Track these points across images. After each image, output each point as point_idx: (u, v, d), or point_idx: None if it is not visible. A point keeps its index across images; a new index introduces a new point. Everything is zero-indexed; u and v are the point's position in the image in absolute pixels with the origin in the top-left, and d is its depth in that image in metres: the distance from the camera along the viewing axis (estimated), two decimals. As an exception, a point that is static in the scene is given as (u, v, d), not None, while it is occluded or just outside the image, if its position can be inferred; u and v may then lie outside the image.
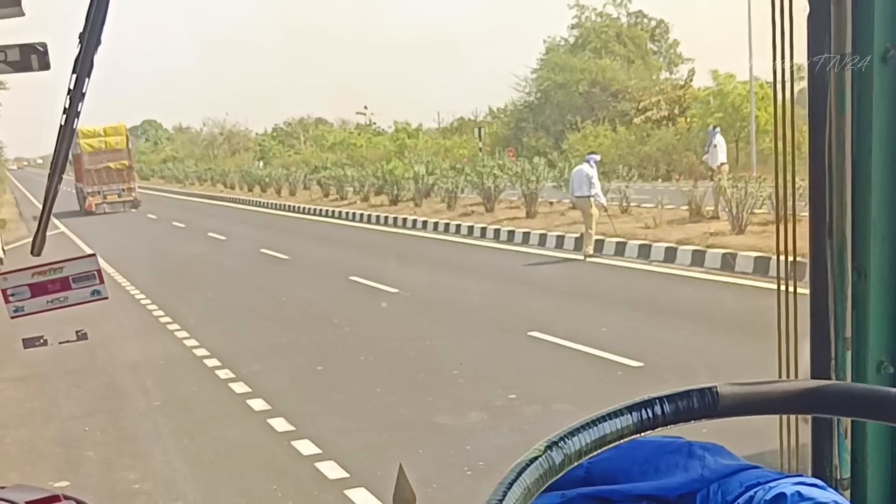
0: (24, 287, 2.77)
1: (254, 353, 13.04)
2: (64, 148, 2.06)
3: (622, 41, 55.68)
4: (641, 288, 16.31)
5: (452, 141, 56.78)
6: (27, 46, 2.24)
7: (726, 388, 1.24)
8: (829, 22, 1.63)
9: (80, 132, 41.34)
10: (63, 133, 2.03)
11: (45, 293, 2.78)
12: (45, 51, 2.25)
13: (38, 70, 2.27)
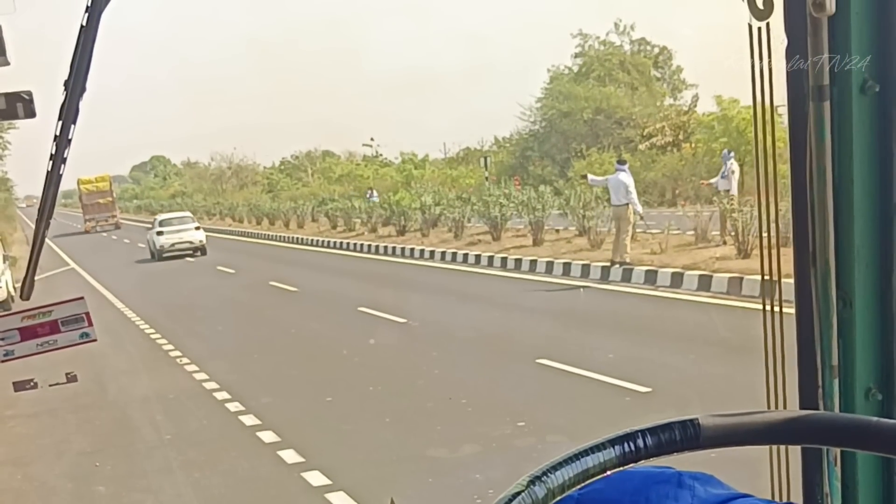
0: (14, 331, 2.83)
1: (263, 385, 13.09)
2: (51, 194, 2.07)
3: (626, 69, 55.81)
4: (648, 313, 16.32)
5: (458, 171, 56.89)
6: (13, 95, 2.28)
7: (708, 419, 1.24)
8: (806, 54, 1.63)
9: (78, 181, 59.09)
10: (50, 179, 2.03)
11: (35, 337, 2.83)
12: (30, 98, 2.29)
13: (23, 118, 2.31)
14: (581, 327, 15.50)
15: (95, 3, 1.84)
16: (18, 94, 2.30)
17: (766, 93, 1.76)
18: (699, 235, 21.14)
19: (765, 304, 1.88)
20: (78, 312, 2.95)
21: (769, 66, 1.74)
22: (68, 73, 1.91)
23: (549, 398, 11.00)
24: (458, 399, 11.15)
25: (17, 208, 64.51)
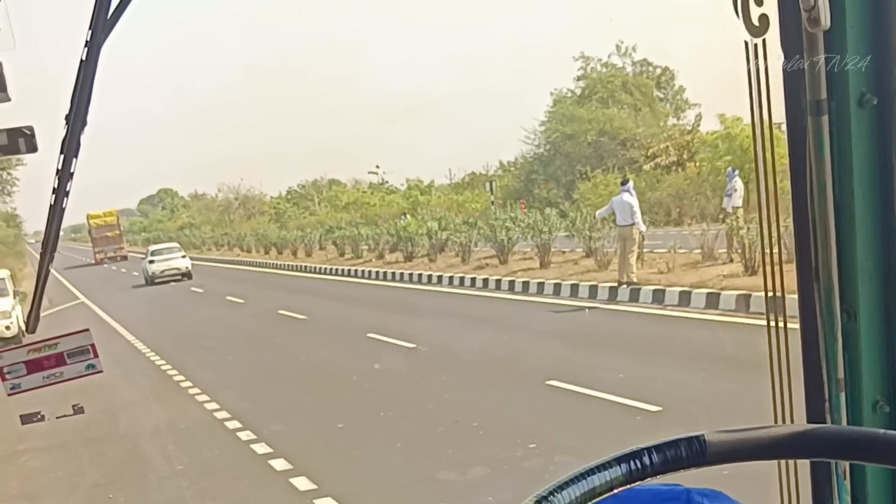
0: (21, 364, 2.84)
1: (274, 413, 13.10)
2: (54, 227, 2.09)
3: (628, 90, 55.93)
4: (657, 332, 16.31)
5: (464, 196, 56.95)
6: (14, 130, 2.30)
7: (714, 435, 1.25)
8: (803, 68, 1.63)
9: (88, 215, 62.31)
10: (53, 212, 2.05)
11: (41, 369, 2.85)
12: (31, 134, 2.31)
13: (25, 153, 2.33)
14: (590, 348, 15.50)
15: (95, 37, 1.87)
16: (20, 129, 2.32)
17: (764, 109, 1.76)
18: (706, 253, 21.14)
19: (769, 320, 1.88)
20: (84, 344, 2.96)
21: (766, 82, 1.74)
22: (69, 107, 1.93)
23: (560, 419, 11.00)
24: (469, 422, 11.15)
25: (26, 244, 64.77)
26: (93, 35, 1.87)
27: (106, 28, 1.88)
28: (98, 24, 1.86)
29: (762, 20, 1.70)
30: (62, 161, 1.98)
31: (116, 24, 1.89)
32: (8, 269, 31.81)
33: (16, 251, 55.69)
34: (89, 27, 1.87)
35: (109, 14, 1.86)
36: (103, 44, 1.89)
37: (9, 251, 52.74)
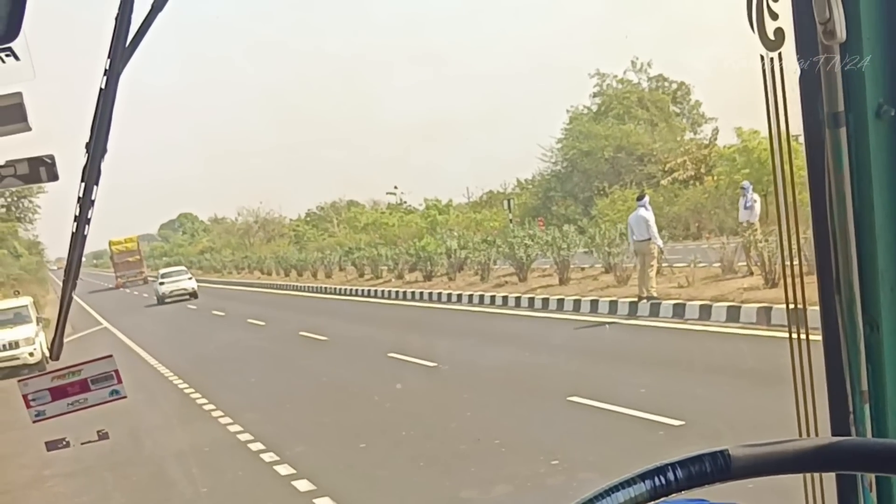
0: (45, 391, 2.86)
1: (297, 434, 13.13)
2: (76, 255, 2.10)
3: (644, 105, 55.90)
4: (678, 347, 16.27)
5: (482, 214, 56.94)
6: (35, 159, 2.33)
7: (738, 449, 1.25)
8: (819, 81, 1.63)
9: (109, 242, 64.93)
10: (75, 240, 2.06)
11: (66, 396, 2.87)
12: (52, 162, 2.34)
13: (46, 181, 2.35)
14: (611, 363, 15.47)
15: (113, 65, 1.89)
16: (41, 158, 2.32)
17: (781, 122, 1.76)
18: (725, 267, 21.08)
19: (791, 333, 1.88)
20: (107, 370, 2.98)
21: (783, 95, 1.74)
22: (89, 135, 1.94)
23: (582, 436, 10.98)
24: (491, 440, 11.14)
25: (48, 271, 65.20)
26: (111, 63, 1.89)
27: (125, 56, 1.91)
28: (117, 53, 1.88)
29: (777, 34, 1.72)
30: (83, 189, 2.00)
31: (135, 52, 1.92)
32: (31, 296, 32.02)
33: (38, 278, 56.00)
34: (108, 56, 1.89)
35: (128, 42, 1.89)
36: (122, 72, 1.92)
37: (31, 278, 53.04)
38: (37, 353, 24.75)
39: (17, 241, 52.86)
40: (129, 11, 1.86)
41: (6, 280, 47.30)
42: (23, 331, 26.02)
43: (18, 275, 51.03)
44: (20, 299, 30.03)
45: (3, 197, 48.69)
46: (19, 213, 50.21)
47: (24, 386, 2.89)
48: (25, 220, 50.88)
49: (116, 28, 1.87)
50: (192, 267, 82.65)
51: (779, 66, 1.74)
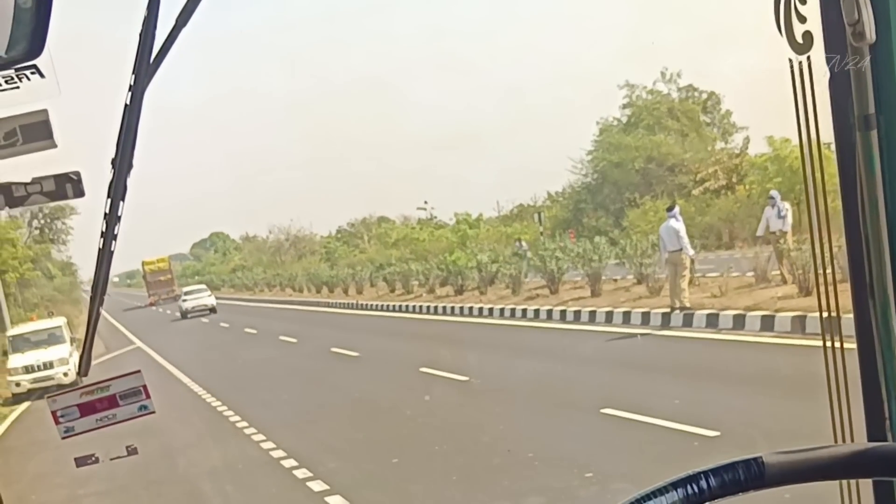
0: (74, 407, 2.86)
1: (330, 450, 13.14)
2: (103, 271, 2.10)
3: (674, 116, 55.66)
4: (712, 357, 16.17)
5: (513, 228, 56.84)
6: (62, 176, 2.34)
7: (772, 457, 1.24)
8: (850, 83, 1.60)
9: (142, 262, 68.73)
10: (101, 256, 2.06)
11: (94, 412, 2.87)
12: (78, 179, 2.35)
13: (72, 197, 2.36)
14: (644, 375, 15.38)
15: (138, 81, 1.90)
16: (67, 174, 2.34)
17: (812, 127, 1.74)
18: (759, 276, 20.95)
19: (825, 341, 1.87)
20: (135, 385, 2.97)
21: (813, 99, 1.72)
22: (115, 151, 1.96)
23: (616, 447, 10.92)
24: (524, 453, 11.10)
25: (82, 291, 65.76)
26: (136, 79, 1.90)
27: (149, 72, 1.91)
28: (141, 69, 1.89)
29: (806, 37, 1.70)
30: (109, 205, 2.01)
31: (159, 67, 1.93)
32: (64, 316, 32.32)
33: (72, 299, 56.44)
34: (132, 72, 1.90)
35: (152, 58, 1.90)
36: (147, 88, 1.92)
37: (65, 299, 53.50)
38: (71, 374, 24.96)
39: (51, 263, 53.36)
40: (153, 27, 1.87)
41: (40, 301, 47.76)
42: (57, 351, 26.28)
43: (52, 296, 51.54)
44: (54, 320, 30.35)
45: (37, 219, 49.28)
46: (52, 234, 50.72)
47: (53, 402, 2.89)
48: (58, 242, 51.41)
49: (141, 44, 1.88)
50: (224, 285, 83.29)
51: (808, 69, 1.71)
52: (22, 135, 2.29)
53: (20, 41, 1.86)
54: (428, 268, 41.81)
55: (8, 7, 1.84)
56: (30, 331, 28.74)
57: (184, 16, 1.89)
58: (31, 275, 44.16)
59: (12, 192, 2.37)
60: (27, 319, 35.51)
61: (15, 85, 2.05)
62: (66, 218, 49.31)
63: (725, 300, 19.68)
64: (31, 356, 26.08)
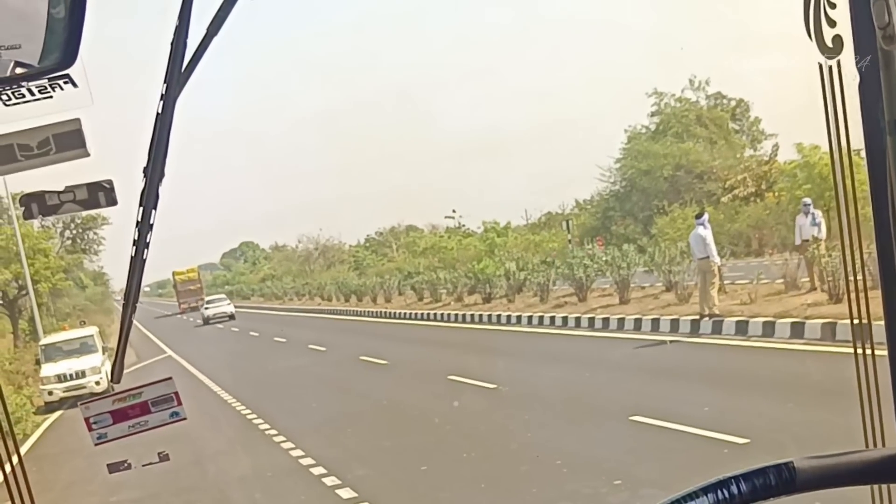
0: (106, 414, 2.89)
1: (358, 458, 13.17)
2: (136, 279, 2.10)
3: (703, 123, 55.41)
4: (741, 364, 16.09)
5: (541, 236, 56.77)
6: (94, 184, 2.35)
7: (804, 462, 1.24)
8: (880, 88, 1.55)
9: (173, 272, 72.23)
10: (134, 264, 2.06)
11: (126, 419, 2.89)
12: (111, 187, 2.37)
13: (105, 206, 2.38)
14: (673, 382, 15.32)
15: (170, 90, 1.93)
16: (99, 183, 2.36)
17: (842, 132, 1.74)
18: (788, 283, 20.83)
19: (856, 347, 1.89)
20: (167, 392, 3.00)
21: (843, 104, 1.72)
22: (147, 159, 1.97)
23: (645, 455, 10.89)
24: (552, 460, 11.08)
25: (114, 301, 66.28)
26: (168, 88, 1.93)
27: (181, 81, 1.94)
28: (173, 77, 1.92)
29: (835, 41, 1.69)
30: (141, 213, 2.02)
31: (191, 76, 1.96)
32: (96, 325, 32.53)
33: (103, 308, 56.89)
34: (164, 80, 1.93)
35: (183, 67, 1.93)
36: (178, 96, 1.95)
37: (97, 308, 53.92)
38: (103, 382, 25.16)
39: (83, 273, 53.76)
40: (184, 37, 1.89)
41: (72, 310, 48.14)
42: (89, 360, 26.48)
43: (84, 305, 51.95)
44: (86, 329, 30.56)
45: (69, 230, 49.66)
46: (84, 244, 51.09)
47: (86, 409, 2.91)
48: (90, 252, 51.78)
49: (172, 53, 1.90)
50: (254, 294, 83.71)
51: (838, 73, 1.72)
52: (55, 144, 2.31)
53: (53, 51, 1.89)
54: (456, 276, 41.81)
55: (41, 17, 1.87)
56: (62, 340, 28.98)
57: (215, 25, 1.91)
58: (64, 285, 44.49)
59: (46, 200, 2.39)
60: (59, 329, 35.83)
61: (48, 94, 2.08)
62: (98, 228, 49.72)
63: (755, 307, 19.59)
64: (63, 365, 26.28)
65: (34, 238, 41.10)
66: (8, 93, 2.05)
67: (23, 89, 2.05)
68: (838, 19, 1.70)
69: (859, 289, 1.88)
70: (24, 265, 36.98)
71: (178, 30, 1.88)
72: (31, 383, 28.61)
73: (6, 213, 41.80)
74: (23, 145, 2.30)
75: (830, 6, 1.71)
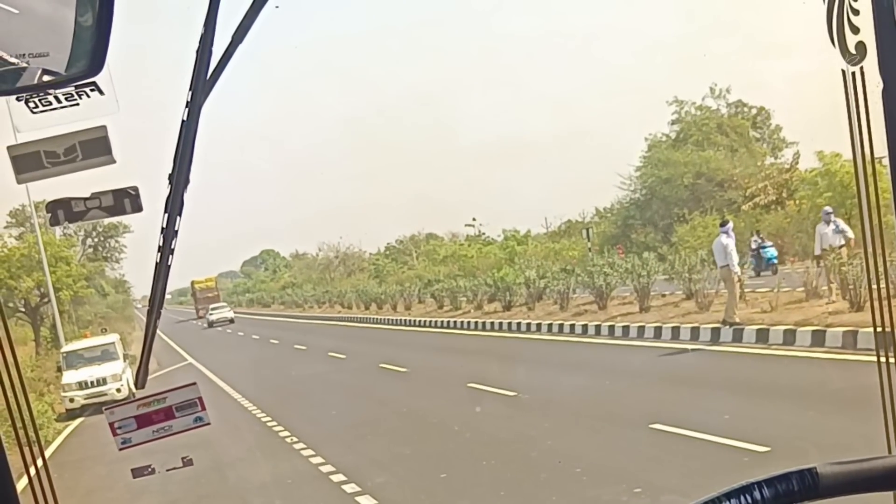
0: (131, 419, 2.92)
1: (378, 465, 13.18)
2: (160, 285, 2.15)
3: (724, 131, 55.26)
4: (762, 372, 16.02)
5: (561, 244, 56.72)
6: (120, 191, 2.38)
7: (826, 467, 1.25)
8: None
9: (192, 282, 75.53)
10: (159, 270, 2.11)
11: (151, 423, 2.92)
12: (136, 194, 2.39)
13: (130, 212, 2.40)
14: (693, 390, 15.29)
15: (195, 98, 1.95)
16: (125, 189, 2.39)
17: (865, 138, 1.74)
18: (810, 291, 20.74)
19: (879, 355, 1.88)
20: (191, 398, 3.03)
21: (866, 111, 1.72)
22: (172, 166, 2.01)
23: (665, 463, 10.86)
24: (572, 468, 11.07)
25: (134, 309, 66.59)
26: (193, 96, 1.95)
27: (205, 89, 1.97)
28: (198, 86, 1.94)
29: (859, 48, 1.69)
30: (166, 220, 2.06)
31: (215, 84, 1.99)
32: (117, 333, 32.68)
33: (125, 316, 57.19)
34: (189, 88, 1.96)
35: (208, 75, 1.95)
36: (203, 104, 1.97)
37: (118, 316, 54.17)
38: (124, 390, 25.25)
39: (104, 280, 54.03)
40: (209, 45, 1.92)
41: (94, 318, 48.35)
42: (110, 367, 26.59)
43: (105, 313, 52.15)
44: (107, 336, 30.69)
45: (91, 237, 49.98)
46: (106, 252, 51.41)
47: (111, 414, 2.94)
48: (112, 260, 52.12)
49: (197, 61, 1.93)
50: (275, 302, 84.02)
51: (861, 80, 1.71)
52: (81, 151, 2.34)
53: (80, 59, 1.92)
54: (476, 284, 41.79)
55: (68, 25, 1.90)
56: (83, 347, 29.09)
57: (240, 33, 1.94)
58: (85, 292, 44.70)
59: (72, 206, 2.43)
60: (81, 336, 35.96)
61: (75, 102, 2.11)
62: (120, 236, 50.05)
63: (776, 315, 19.51)
64: (84, 372, 26.41)
65: (56, 246, 41.36)
66: (35, 100, 2.08)
67: (50, 97, 2.08)
68: (861, 26, 1.70)
69: (882, 297, 1.85)
70: (46, 273, 37.17)
71: (203, 38, 1.91)
72: (53, 390, 28.73)
73: (28, 221, 42.10)
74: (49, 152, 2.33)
75: (854, 13, 1.71)
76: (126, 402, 2.96)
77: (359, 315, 54.46)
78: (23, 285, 38.99)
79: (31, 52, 1.90)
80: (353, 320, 51.84)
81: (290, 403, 20.96)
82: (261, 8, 1.92)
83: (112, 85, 2.07)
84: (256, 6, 1.92)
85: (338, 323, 51.65)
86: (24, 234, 42.44)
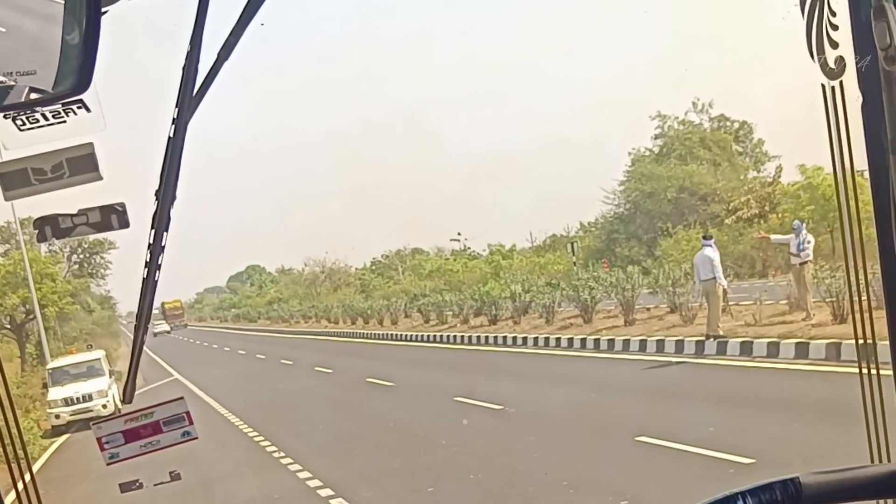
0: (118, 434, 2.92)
1: (366, 479, 13.16)
2: (147, 300, 2.15)
3: (706, 146, 55.44)
4: (746, 385, 16.07)
5: (546, 258, 56.76)
6: (107, 207, 2.39)
7: (809, 477, 1.27)
8: (882, 108, 1.58)
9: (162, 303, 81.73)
10: (146, 286, 2.10)
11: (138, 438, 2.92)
12: (123, 210, 2.40)
13: (118, 228, 2.41)
14: (678, 402, 15.32)
15: (181, 114, 1.97)
16: (112, 206, 2.39)
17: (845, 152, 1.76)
18: (793, 304, 20.82)
19: (861, 367, 1.92)
20: (178, 412, 3.03)
21: (846, 125, 1.74)
22: (158, 183, 2.01)
23: (651, 475, 10.89)
24: (559, 481, 11.09)
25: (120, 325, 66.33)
26: (179, 112, 1.97)
27: (192, 105, 1.98)
28: (184, 102, 1.96)
29: (838, 62, 1.72)
30: (153, 236, 2.06)
31: (202, 101, 2.01)
32: (103, 349, 32.55)
33: (110, 332, 56.98)
34: (175, 105, 1.98)
35: (195, 92, 1.97)
36: (189, 120, 1.99)
37: (104, 332, 53.97)
38: (110, 406, 25.16)
39: (90, 297, 53.83)
40: (195, 62, 1.94)
41: (79, 334, 48.17)
42: (96, 384, 26.49)
43: (91, 329, 51.97)
44: (93, 353, 30.58)
45: (76, 254, 49.81)
46: (91, 269, 51.23)
47: (99, 429, 2.94)
48: (97, 276, 51.94)
49: (184, 78, 1.95)
50: (261, 318, 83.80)
51: (840, 94, 1.74)
52: (69, 168, 2.35)
53: (67, 76, 1.93)
54: (462, 298, 41.80)
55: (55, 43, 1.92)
56: (69, 364, 28.98)
57: (225, 50, 1.96)
58: (71, 309, 44.52)
59: (59, 223, 2.43)
60: (66, 352, 35.81)
61: (62, 119, 2.12)
62: (105, 252, 49.91)
63: (759, 328, 19.59)
64: (70, 389, 26.32)
65: (42, 263, 41.23)
66: (22, 118, 2.09)
67: (37, 114, 2.09)
68: (840, 41, 1.73)
69: (863, 309, 1.88)
70: (31, 290, 37.03)
71: (189, 55, 1.92)
72: (39, 407, 28.62)
73: (14, 237, 41.96)
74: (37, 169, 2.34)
75: (833, 28, 1.74)
76: (113, 418, 2.96)
77: (345, 330, 54.35)
78: (8, 302, 38.85)
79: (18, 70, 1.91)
80: (339, 335, 51.75)
81: (277, 418, 20.90)
82: (246, 25, 1.94)
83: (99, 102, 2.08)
84: (242, 24, 1.94)
85: (324, 338, 51.55)
86: (10, 251, 42.30)
